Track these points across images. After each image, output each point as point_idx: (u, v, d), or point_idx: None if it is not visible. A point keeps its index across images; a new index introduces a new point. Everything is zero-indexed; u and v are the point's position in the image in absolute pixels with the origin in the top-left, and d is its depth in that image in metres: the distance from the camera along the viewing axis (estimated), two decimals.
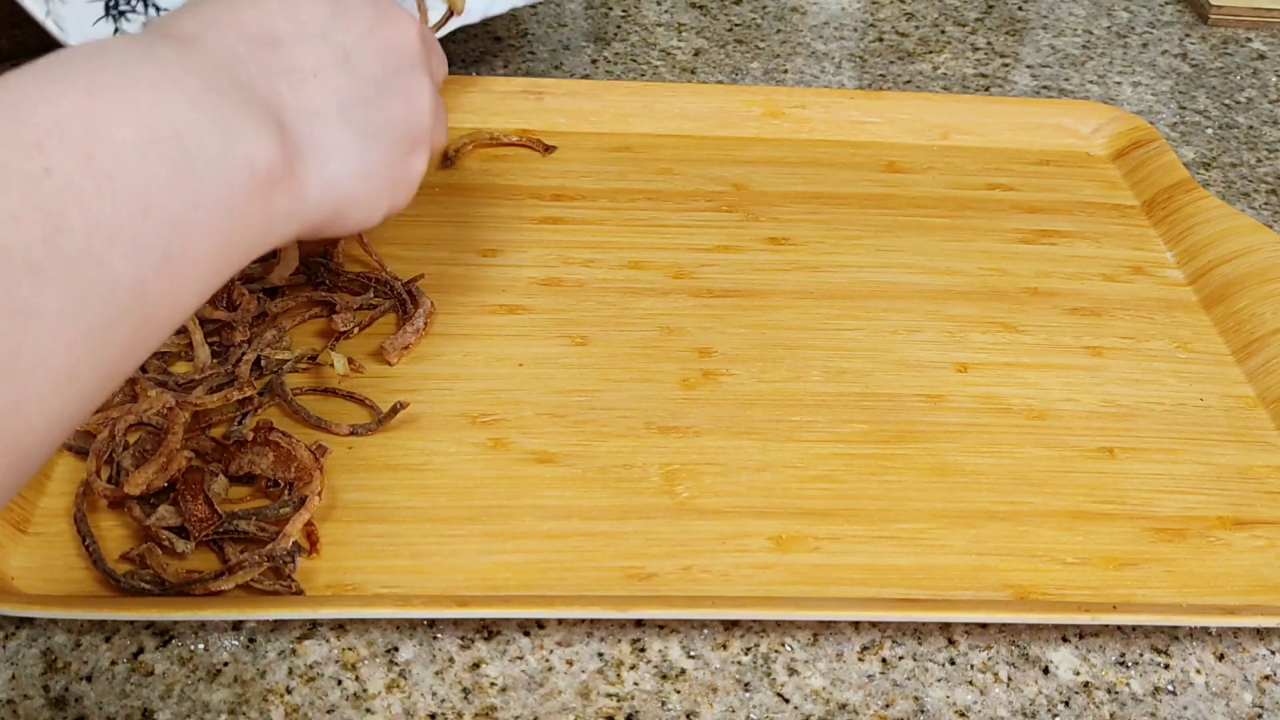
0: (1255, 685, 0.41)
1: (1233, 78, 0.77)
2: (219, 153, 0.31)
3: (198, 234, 0.31)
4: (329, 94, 0.37)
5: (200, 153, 0.31)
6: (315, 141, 0.36)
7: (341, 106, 0.38)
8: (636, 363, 0.51)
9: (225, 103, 0.32)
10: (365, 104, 0.39)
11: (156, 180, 0.29)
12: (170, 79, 0.31)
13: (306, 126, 0.36)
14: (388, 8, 0.41)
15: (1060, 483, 0.47)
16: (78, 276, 0.27)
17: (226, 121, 0.32)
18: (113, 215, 0.28)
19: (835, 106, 0.67)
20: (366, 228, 0.41)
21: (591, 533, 0.43)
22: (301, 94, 0.36)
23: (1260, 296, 0.55)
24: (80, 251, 0.27)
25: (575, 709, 0.39)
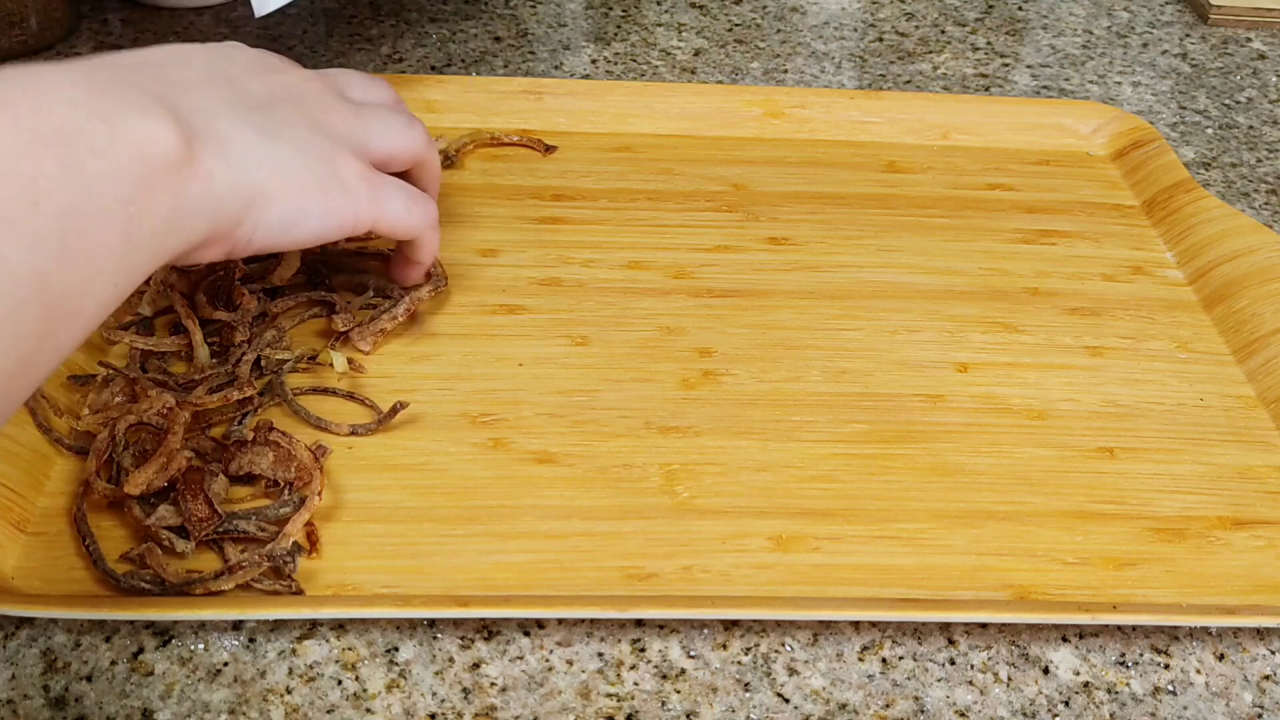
0: (1255, 685, 0.41)
1: (1233, 78, 0.77)
2: (106, 143, 0.32)
3: (94, 223, 0.32)
4: (217, 99, 0.39)
5: (86, 144, 0.32)
6: (211, 129, 0.37)
7: (233, 108, 0.39)
8: (636, 363, 0.51)
9: (107, 98, 0.33)
10: (257, 111, 0.40)
11: (44, 174, 0.30)
12: (48, 88, 0.32)
13: (201, 117, 0.37)
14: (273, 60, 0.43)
15: (1060, 483, 0.47)
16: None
17: (111, 114, 0.33)
18: (3, 209, 0.29)
19: (835, 106, 0.67)
20: (308, 233, 0.41)
21: (591, 533, 0.43)
22: (190, 96, 0.37)
23: (1260, 296, 0.55)
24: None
25: (575, 709, 0.39)
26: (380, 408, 0.47)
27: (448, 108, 0.65)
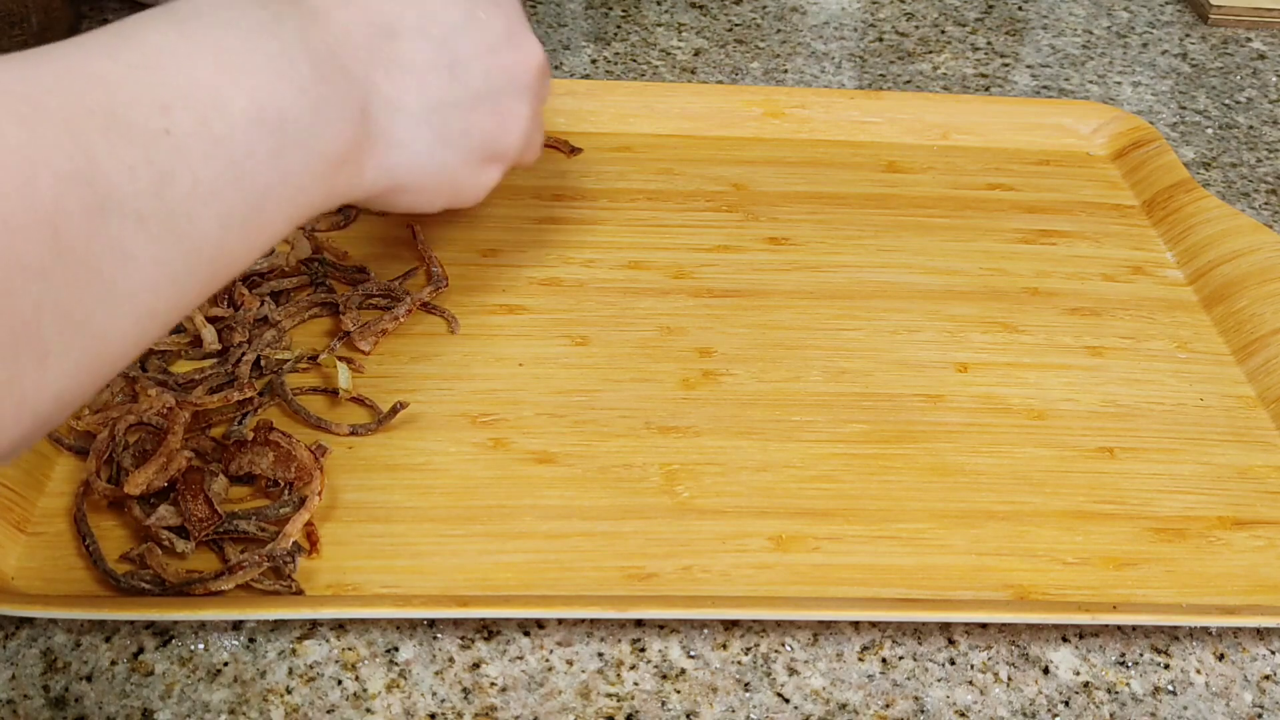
0: (1255, 685, 0.41)
1: (1233, 78, 0.77)
2: (309, 139, 0.35)
3: (274, 204, 0.34)
4: (421, 93, 0.40)
5: (295, 136, 0.34)
6: (389, 133, 0.39)
7: (429, 107, 0.41)
8: (636, 363, 0.51)
9: (326, 92, 0.35)
10: (454, 110, 0.41)
11: (254, 155, 0.33)
12: (288, 60, 0.34)
13: (387, 117, 0.39)
14: (520, 33, 0.44)
15: (1060, 483, 0.47)
16: (172, 229, 0.30)
17: (324, 111, 0.35)
18: (213, 180, 0.31)
19: (835, 106, 0.67)
20: (417, 213, 0.45)
21: (591, 533, 0.43)
22: (395, 87, 0.39)
23: (1260, 296, 0.55)
24: (180, 208, 0.30)
25: (575, 709, 0.39)
26: (380, 408, 0.47)
27: None
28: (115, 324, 0.30)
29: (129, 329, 0.30)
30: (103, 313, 0.29)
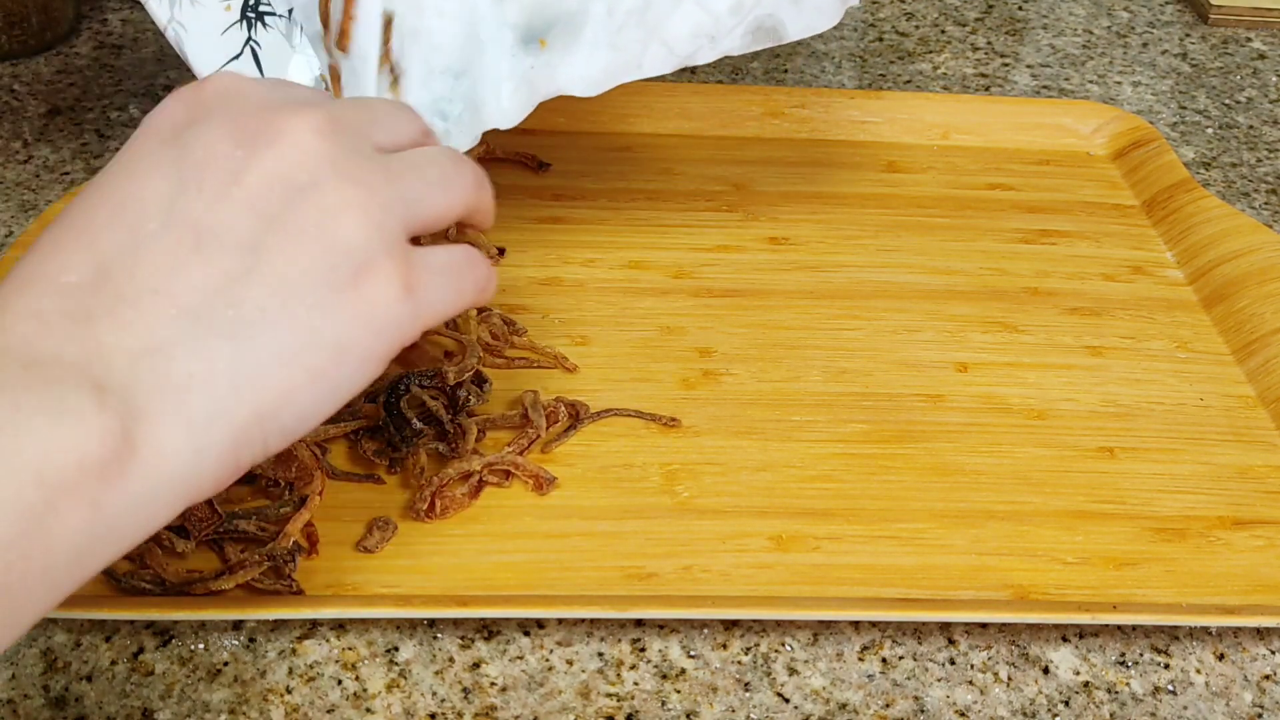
0: (1255, 685, 0.41)
1: (1233, 77, 0.77)
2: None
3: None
4: (177, 304, 0.29)
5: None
6: (165, 380, 0.28)
7: (200, 309, 0.29)
8: (636, 363, 0.51)
9: (3, 403, 0.26)
10: (238, 283, 0.30)
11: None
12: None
13: (147, 370, 0.28)
14: (266, 120, 0.32)
15: (1060, 483, 0.47)
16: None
17: (1, 426, 0.26)
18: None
19: (835, 106, 0.67)
20: (340, 402, 0.32)
21: (591, 533, 0.43)
22: (134, 328, 0.29)
23: (1260, 296, 0.55)
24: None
25: (575, 709, 0.39)
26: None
27: None
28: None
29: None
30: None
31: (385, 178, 0.32)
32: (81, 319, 0.28)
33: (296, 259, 0.30)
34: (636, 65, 0.47)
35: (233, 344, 0.29)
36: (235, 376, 0.29)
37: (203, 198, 0.30)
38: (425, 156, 0.34)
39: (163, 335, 0.29)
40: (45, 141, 0.63)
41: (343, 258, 0.31)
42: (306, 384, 0.30)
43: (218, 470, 0.29)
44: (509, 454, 0.45)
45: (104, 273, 0.29)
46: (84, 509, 0.27)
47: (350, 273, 0.31)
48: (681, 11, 0.46)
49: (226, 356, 0.29)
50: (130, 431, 0.27)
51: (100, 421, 0.27)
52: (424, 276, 0.33)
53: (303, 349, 0.30)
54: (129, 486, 0.27)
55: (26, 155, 0.62)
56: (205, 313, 0.29)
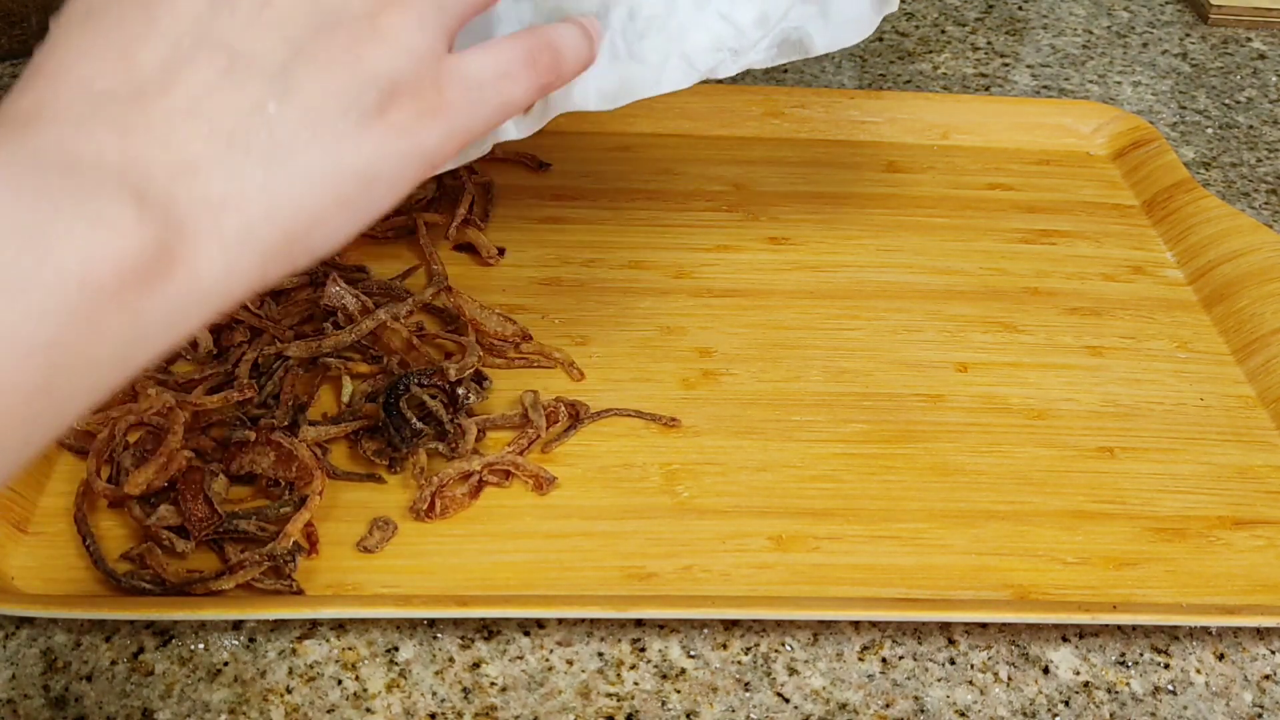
0: (1255, 685, 0.41)
1: (1233, 77, 0.77)
2: (26, 274, 0.26)
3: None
4: (212, 125, 0.29)
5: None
6: (202, 194, 0.29)
7: (234, 132, 0.30)
8: (636, 363, 0.51)
9: (44, 198, 0.27)
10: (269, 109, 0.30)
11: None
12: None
13: (184, 187, 0.29)
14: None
15: (1060, 482, 0.47)
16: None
17: (44, 226, 0.26)
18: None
19: (835, 106, 0.67)
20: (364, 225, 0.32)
21: (591, 532, 0.43)
22: (171, 145, 0.29)
23: (1260, 296, 0.55)
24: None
25: (575, 709, 0.39)
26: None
27: None
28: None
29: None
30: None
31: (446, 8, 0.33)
32: (120, 129, 0.29)
33: (325, 88, 0.31)
34: (655, 80, 0.45)
35: (265, 168, 0.30)
36: (267, 199, 0.30)
37: (234, 18, 0.30)
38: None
39: (199, 154, 0.29)
40: None
41: (369, 85, 0.31)
42: (335, 209, 0.31)
43: (246, 285, 0.30)
44: (509, 454, 0.45)
45: (138, 86, 0.29)
46: (124, 314, 0.27)
47: (376, 101, 0.31)
48: (705, 22, 0.45)
49: (259, 180, 0.30)
50: (169, 244, 0.28)
51: (141, 232, 0.27)
52: (456, 94, 0.33)
53: (332, 177, 0.31)
54: (166, 297, 0.28)
55: None
56: (239, 136, 0.29)
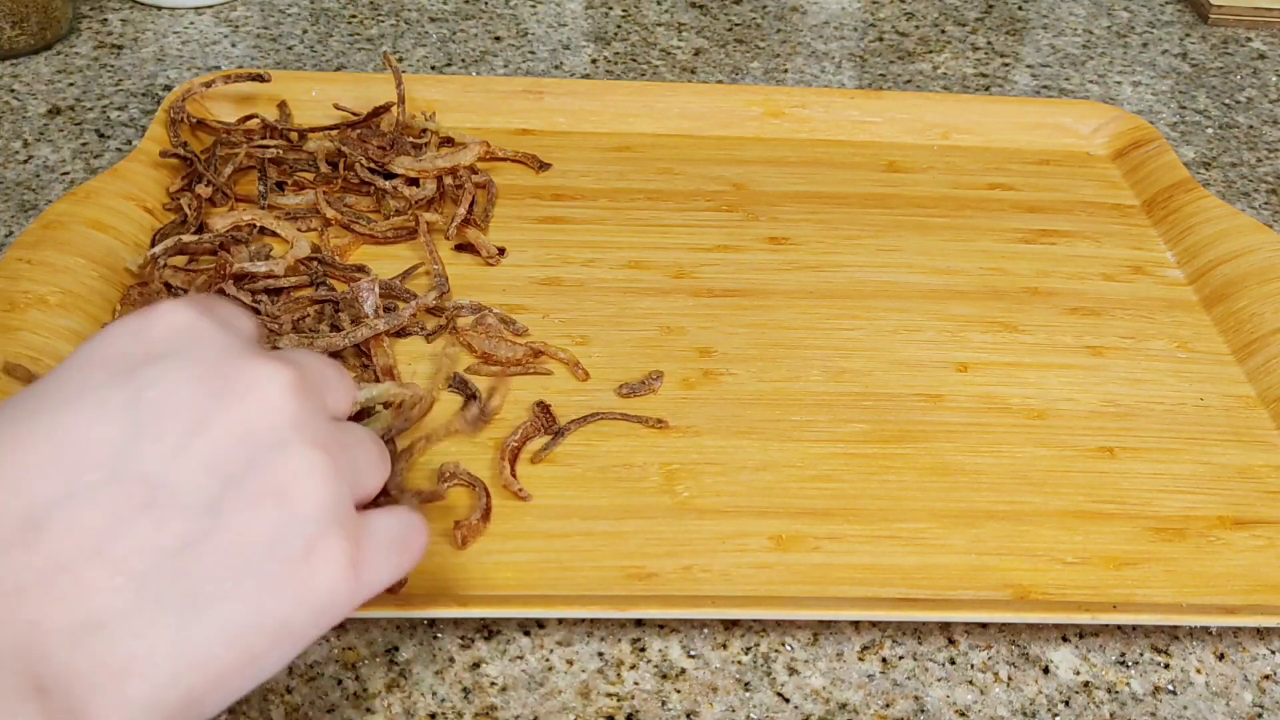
0: (1255, 685, 0.41)
1: (1233, 77, 0.77)
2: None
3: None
4: (121, 569, 0.26)
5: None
6: (105, 665, 0.25)
7: (146, 575, 0.26)
8: (636, 363, 0.51)
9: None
10: (189, 549, 0.27)
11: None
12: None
13: (86, 652, 0.25)
14: (232, 371, 0.29)
15: (1060, 482, 0.47)
16: None
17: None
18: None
19: (835, 106, 0.67)
20: (267, 676, 0.29)
21: (591, 532, 0.43)
22: (71, 600, 0.25)
23: (1260, 296, 0.55)
24: None
25: (575, 709, 0.39)
26: None
27: (448, 107, 0.65)
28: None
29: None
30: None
31: (341, 445, 0.30)
32: (14, 588, 0.25)
33: (253, 526, 0.27)
34: None
35: (178, 620, 0.26)
36: (177, 659, 0.26)
37: (159, 448, 0.27)
38: (362, 432, 0.33)
39: (103, 607, 0.26)
40: (45, 141, 0.63)
41: (298, 528, 0.28)
42: (241, 667, 0.27)
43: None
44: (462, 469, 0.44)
45: (36, 527, 0.26)
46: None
47: (303, 546, 0.28)
48: None
49: (169, 635, 0.26)
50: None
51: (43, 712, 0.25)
52: (370, 553, 0.30)
53: (248, 630, 0.27)
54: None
55: (26, 155, 0.62)
56: (151, 580, 0.26)
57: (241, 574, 0.27)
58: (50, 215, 0.53)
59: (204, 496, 0.27)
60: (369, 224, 0.56)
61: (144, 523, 0.26)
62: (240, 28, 0.74)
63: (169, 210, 0.56)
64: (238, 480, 0.27)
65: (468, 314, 0.52)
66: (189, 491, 0.27)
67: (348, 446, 0.31)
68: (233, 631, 0.27)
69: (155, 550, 0.26)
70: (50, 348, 0.47)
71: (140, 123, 0.65)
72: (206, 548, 0.27)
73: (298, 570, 0.28)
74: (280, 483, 0.28)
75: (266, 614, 0.27)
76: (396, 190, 0.57)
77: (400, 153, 0.59)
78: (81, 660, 0.25)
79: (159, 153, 0.58)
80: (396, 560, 0.32)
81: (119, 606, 0.26)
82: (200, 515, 0.27)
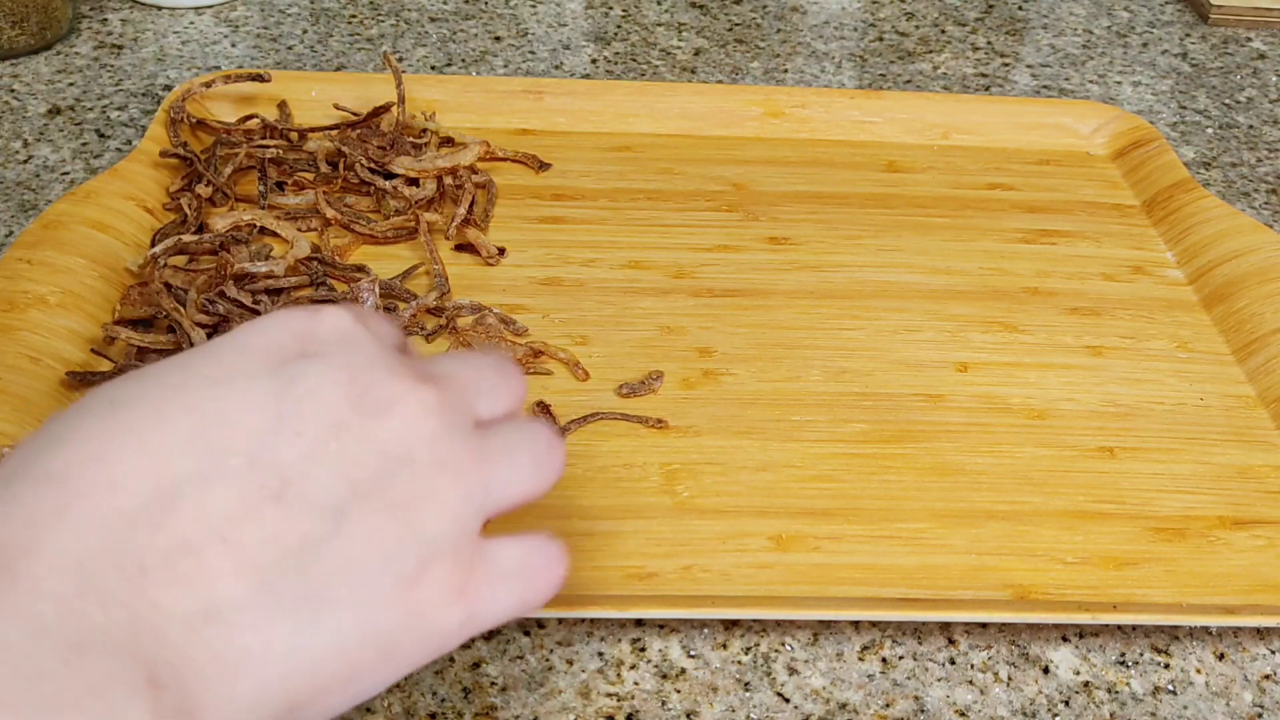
0: (1255, 685, 0.41)
1: (1233, 77, 0.77)
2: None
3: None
4: (245, 559, 0.26)
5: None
6: (219, 658, 0.25)
7: (268, 569, 0.26)
8: (636, 362, 0.51)
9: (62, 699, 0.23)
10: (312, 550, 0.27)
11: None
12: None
13: (202, 643, 0.25)
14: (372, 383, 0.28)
15: (1060, 482, 0.47)
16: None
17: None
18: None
19: (835, 106, 0.67)
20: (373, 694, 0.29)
21: (591, 532, 0.43)
22: (193, 585, 0.25)
23: (1260, 296, 0.55)
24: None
25: (575, 709, 0.39)
26: None
27: (448, 107, 0.65)
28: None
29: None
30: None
31: (476, 461, 0.30)
32: (137, 569, 0.25)
33: (373, 538, 0.27)
34: None
35: (293, 620, 0.26)
36: (287, 660, 0.26)
37: (297, 445, 0.27)
38: (521, 435, 0.31)
39: (223, 596, 0.25)
40: (45, 141, 0.63)
41: (414, 548, 0.28)
42: (345, 680, 0.27)
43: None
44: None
45: (165, 501, 0.25)
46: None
47: (416, 565, 0.28)
48: None
49: (284, 634, 0.26)
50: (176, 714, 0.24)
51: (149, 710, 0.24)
52: (483, 582, 0.30)
53: (356, 642, 0.27)
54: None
55: (26, 155, 0.62)
56: (272, 575, 0.26)
57: (356, 584, 0.27)
58: (50, 215, 0.53)
59: (332, 499, 0.27)
60: (369, 224, 0.56)
61: (272, 515, 0.26)
62: (240, 28, 0.74)
63: (169, 210, 0.56)
64: (365, 491, 0.27)
65: (468, 314, 0.52)
66: (318, 492, 0.27)
67: (489, 458, 0.30)
68: (342, 641, 0.27)
69: (279, 545, 0.26)
70: (50, 348, 0.47)
71: (140, 123, 0.65)
72: (327, 551, 0.27)
73: (410, 589, 0.28)
74: (404, 501, 0.28)
75: (375, 628, 0.27)
76: (396, 190, 0.57)
77: (400, 153, 0.59)
78: (197, 650, 0.25)
79: (159, 153, 0.58)
80: (520, 593, 0.31)
81: (238, 598, 0.25)
82: (325, 517, 0.27)
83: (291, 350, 0.29)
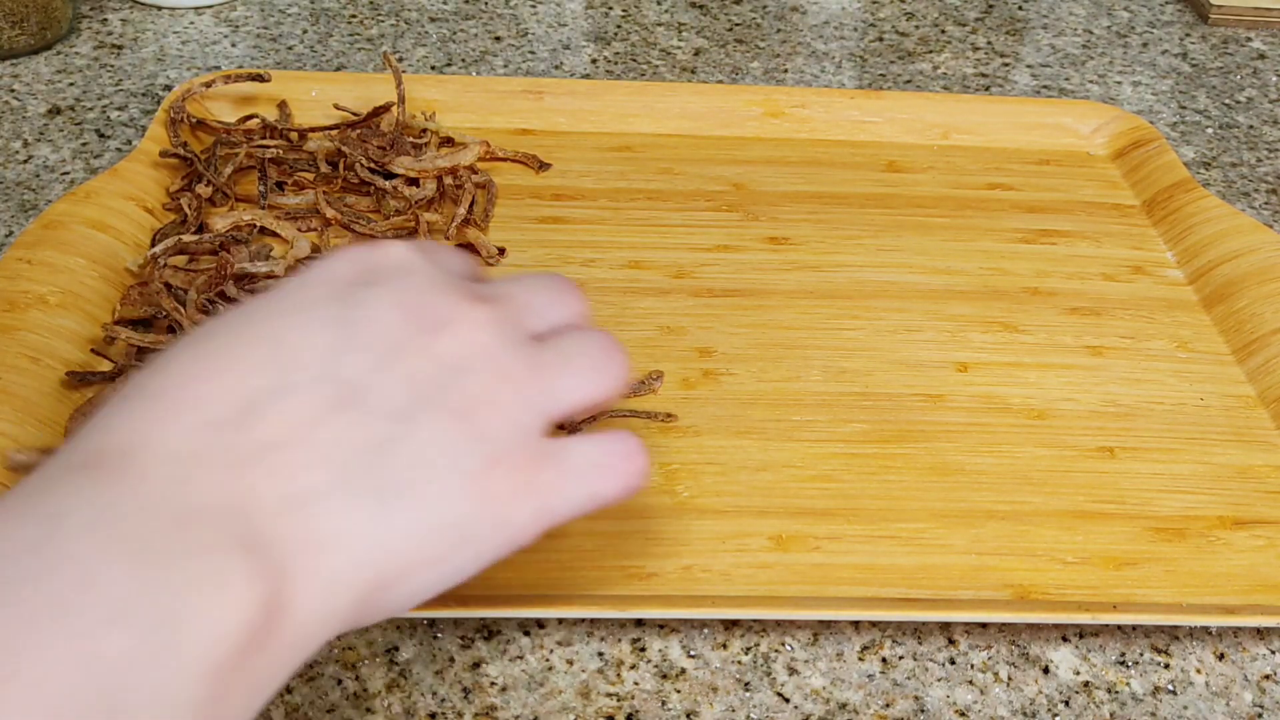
0: (1255, 685, 0.41)
1: (1233, 77, 0.77)
2: (164, 651, 0.25)
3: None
4: (324, 457, 0.29)
5: (134, 674, 0.24)
6: (309, 536, 0.28)
7: (347, 464, 0.29)
8: (637, 362, 0.51)
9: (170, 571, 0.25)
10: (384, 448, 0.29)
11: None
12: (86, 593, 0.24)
13: (293, 522, 0.28)
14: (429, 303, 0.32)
15: (1060, 482, 0.47)
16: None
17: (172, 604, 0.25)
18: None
19: (835, 106, 0.67)
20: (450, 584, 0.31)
21: (592, 532, 0.43)
22: (283, 474, 0.28)
23: (1260, 296, 0.55)
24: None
25: (575, 709, 0.39)
26: None
27: (448, 107, 0.65)
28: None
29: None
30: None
31: (532, 370, 0.32)
32: (231, 461, 0.28)
33: (439, 438, 0.30)
34: None
35: (371, 510, 0.29)
36: (370, 542, 0.29)
37: (363, 359, 0.30)
38: (577, 345, 0.34)
39: (310, 484, 0.28)
40: (45, 141, 0.63)
41: (478, 447, 0.31)
42: (425, 564, 0.30)
43: (337, 629, 0.29)
44: None
45: (251, 412, 0.28)
46: (242, 684, 0.27)
47: (483, 462, 0.31)
48: None
49: (364, 520, 0.29)
50: (275, 595, 0.27)
51: (254, 593, 0.26)
52: (554, 478, 0.32)
53: (430, 529, 0.30)
54: (273, 651, 0.27)
55: (26, 155, 0.62)
56: (348, 469, 0.29)
57: (424, 478, 0.30)
58: (50, 215, 0.53)
59: (396, 405, 0.30)
60: (369, 224, 0.56)
61: (342, 419, 0.29)
62: (240, 28, 0.74)
63: (169, 210, 0.56)
64: (428, 398, 0.30)
65: None
66: (384, 399, 0.30)
67: (545, 366, 0.33)
68: (416, 528, 0.29)
69: (351, 444, 0.29)
70: (50, 348, 0.47)
71: (140, 123, 0.65)
72: (395, 449, 0.29)
73: (476, 483, 0.30)
74: (465, 407, 0.31)
75: (447, 517, 0.30)
76: (396, 190, 0.57)
77: (400, 153, 0.59)
78: (288, 528, 0.28)
79: (159, 153, 0.58)
80: (590, 486, 0.34)
81: (321, 487, 0.28)
82: (392, 421, 0.30)
83: (354, 280, 0.32)
